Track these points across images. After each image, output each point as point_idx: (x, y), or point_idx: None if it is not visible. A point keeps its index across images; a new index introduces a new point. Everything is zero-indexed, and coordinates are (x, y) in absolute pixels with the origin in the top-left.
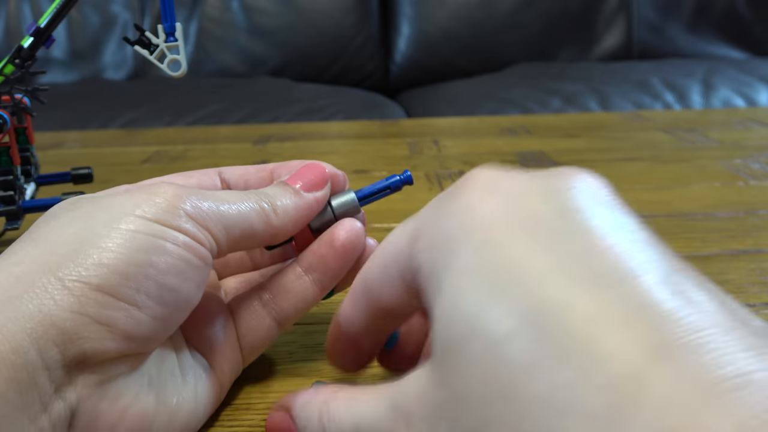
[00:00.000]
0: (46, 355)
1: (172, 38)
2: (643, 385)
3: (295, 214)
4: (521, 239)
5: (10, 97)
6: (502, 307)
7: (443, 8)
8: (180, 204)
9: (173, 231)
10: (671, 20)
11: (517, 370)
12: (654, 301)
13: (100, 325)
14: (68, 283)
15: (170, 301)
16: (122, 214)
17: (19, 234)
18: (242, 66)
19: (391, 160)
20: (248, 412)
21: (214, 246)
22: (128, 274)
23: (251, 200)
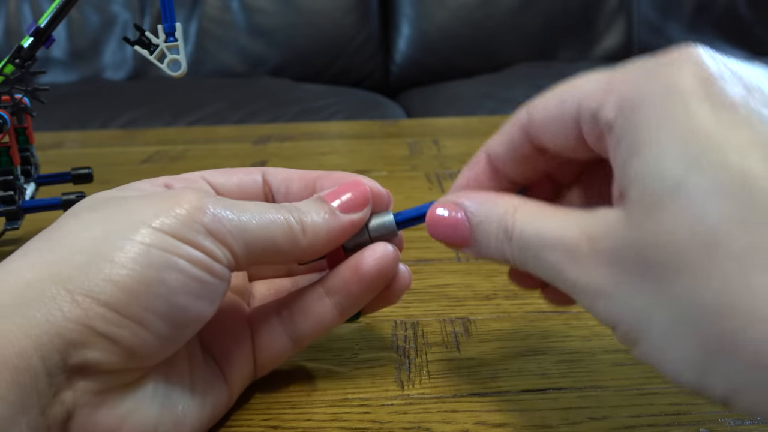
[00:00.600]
0: (49, 362)
1: (172, 38)
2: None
3: (327, 236)
4: (726, 113)
5: (10, 97)
6: (709, 174)
7: (443, 8)
8: (200, 217)
9: (188, 247)
10: (671, 20)
11: (717, 228)
12: None
13: (104, 339)
14: (77, 296)
15: (179, 319)
16: (140, 223)
17: (20, 234)
18: (242, 66)
19: (391, 160)
20: (247, 412)
21: (232, 261)
22: (138, 293)
23: (279, 215)
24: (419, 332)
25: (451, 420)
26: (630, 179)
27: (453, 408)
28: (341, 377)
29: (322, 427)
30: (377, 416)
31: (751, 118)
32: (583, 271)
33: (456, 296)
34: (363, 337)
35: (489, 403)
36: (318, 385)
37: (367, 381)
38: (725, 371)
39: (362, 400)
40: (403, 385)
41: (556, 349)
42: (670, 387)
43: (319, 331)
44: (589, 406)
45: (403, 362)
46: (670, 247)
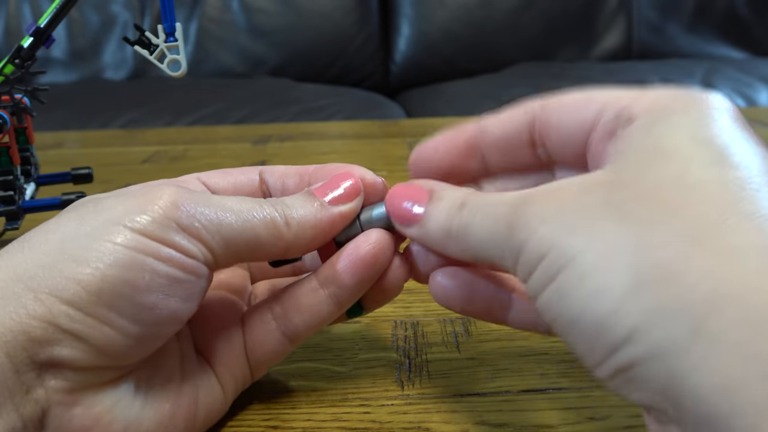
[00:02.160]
0: (15, 359)
1: (172, 38)
2: None
3: (313, 229)
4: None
5: (10, 97)
6: (704, 149)
7: (443, 8)
8: (173, 213)
9: (158, 245)
10: (671, 20)
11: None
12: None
13: (70, 336)
14: (40, 295)
15: (147, 319)
16: (110, 222)
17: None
18: (242, 66)
19: (391, 160)
20: (247, 411)
21: (209, 257)
22: (100, 292)
23: (262, 210)
24: (419, 332)
25: (451, 420)
26: (627, 144)
27: (453, 408)
28: (341, 377)
29: (322, 427)
30: (377, 416)
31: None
32: (534, 204)
33: None
34: (363, 337)
35: (489, 403)
36: (318, 385)
37: (367, 381)
38: (649, 301)
39: (362, 400)
40: (403, 385)
41: (556, 349)
42: None
43: (315, 326)
44: (589, 406)
45: (403, 362)
46: (645, 188)
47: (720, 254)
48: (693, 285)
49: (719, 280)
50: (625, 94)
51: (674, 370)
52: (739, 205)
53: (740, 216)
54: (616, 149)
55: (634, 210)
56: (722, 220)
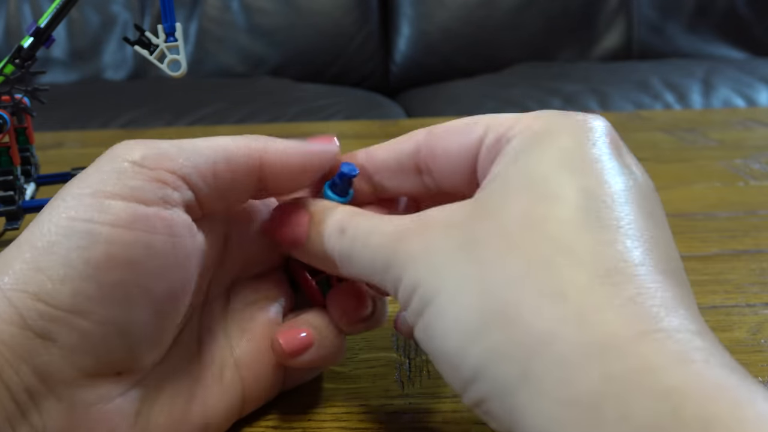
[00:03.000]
0: (4, 376)
1: (172, 38)
2: None
3: (298, 156)
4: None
5: (10, 97)
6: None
7: (443, 8)
8: (129, 155)
9: (118, 202)
10: (671, 20)
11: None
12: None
13: (44, 341)
14: (8, 293)
15: (115, 298)
16: (66, 195)
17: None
18: (242, 66)
19: None
20: None
21: (189, 196)
22: (63, 278)
23: (236, 138)
24: None
25: (451, 420)
26: (496, 171)
27: (453, 408)
28: (341, 377)
29: (322, 427)
30: (377, 416)
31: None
32: (406, 242)
33: None
34: (363, 337)
35: None
36: (318, 385)
37: (367, 381)
38: (489, 341)
39: (362, 400)
40: (403, 385)
41: None
42: None
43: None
44: None
45: (403, 362)
46: (497, 230)
47: (552, 295)
48: (527, 326)
49: (549, 320)
50: (507, 118)
51: (512, 409)
52: (581, 240)
53: (577, 254)
54: (489, 174)
55: (484, 250)
56: (560, 259)
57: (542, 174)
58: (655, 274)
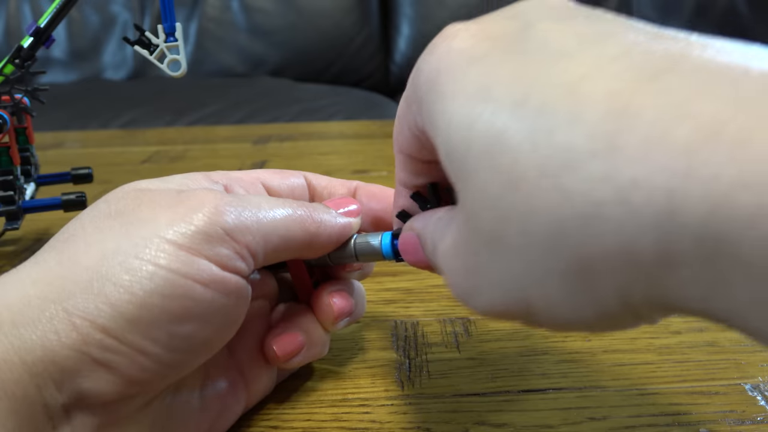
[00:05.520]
0: (45, 392)
1: (172, 38)
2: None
3: (332, 230)
4: (494, 52)
5: (10, 97)
6: (491, 107)
7: (443, 8)
8: (219, 218)
9: (201, 260)
10: (671, 20)
11: (519, 147)
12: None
13: (100, 366)
14: (75, 319)
15: (181, 347)
16: (151, 236)
17: (20, 234)
18: (242, 66)
19: (391, 160)
20: (247, 411)
21: (251, 263)
22: (137, 320)
23: (294, 206)
24: (419, 332)
25: (451, 420)
26: (441, 156)
27: (453, 408)
28: (341, 377)
29: (322, 427)
30: (377, 416)
31: (516, 48)
32: None
33: None
34: (363, 337)
35: (489, 403)
36: (318, 385)
37: (367, 381)
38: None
39: (362, 400)
40: (403, 385)
41: (556, 349)
42: (670, 387)
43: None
44: (589, 406)
45: (403, 362)
46: (488, 197)
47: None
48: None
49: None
50: (403, 100)
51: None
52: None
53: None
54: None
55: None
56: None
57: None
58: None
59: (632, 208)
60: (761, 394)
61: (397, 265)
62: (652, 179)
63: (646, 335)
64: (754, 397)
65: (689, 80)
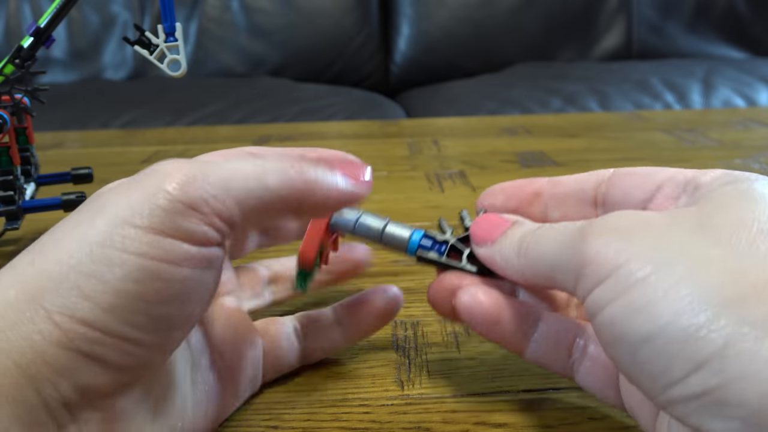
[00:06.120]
0: (44, 393)
1: (172, 38)
2: None
3: (328, 188)
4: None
5: (10, 97)
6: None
7: (443, 8)
8: (179, 194)
9: (168, 240)
10: (671, 20)
11: None
12: None
13: (90, 360)
14: (54, 316)
15: (164, 327)
16: (115, 223)
17: (20, 234)
18: (242, 66)
19: (391, 160)
20: (247, 412)
21: (225, 229)
22: (115, 308)
23: (272, 161)
24: (419, 332)
25: (451, 420)
26: (705, 194)
27: (453, 408)
28: (341, 377)
29: (322, 427)
30: (377, 416)
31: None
32: (611, 219)
33: None
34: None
35: (489, 403)
36: (318, 385)
37: (367, 381)
38: (744, 313)
39: (362, 400)
40: (403, 385)
41: None
42: None
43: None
44: (588, 406)
45: (403, 362)
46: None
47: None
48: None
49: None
50: (688, 171)
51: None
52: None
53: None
54: (691, 200)
55: (725, 234)
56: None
57: (762, 192)
58: None
59: None
60: None
61: (398, 266)
62: None
63: None
64: None
65: None
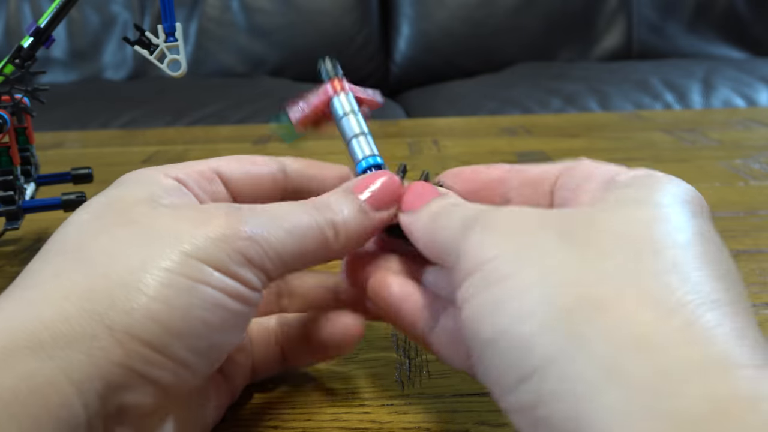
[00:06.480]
0: (90, 410)
1: (172, 38)
2: None
3: (357, 236)
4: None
5: (10, 97)
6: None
7: (443, 8)
8: (237, 242)
9: (229, 279)
10: (671, 20)
11: None
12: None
13: (144, 380)
14: (118, 335)
15: (215, 356)
16: (178, 251)
17: (20, 234)
18: (242, 66)
19: (391, 160)
20: (247, 412)
21: (266, 282)
22: (180, 333)
23: (312, 221)
24: None
25: (451, 420)
26: (606, 198)
27: (453, 408)
28: (341, 377)
29: (322, 427)
30: (377, 416)
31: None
32: (490, 214)
33: None
34: (363, 337)
35: (489, 403)
36: (318, 385)
37: (367, 381)
38: (575, 329)
39: (362, 400)
40: (403, 385)
41: None
42: None
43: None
44: None
45: (403, 362)
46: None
47: (657, 303)
48: (624, 321)
49: (650, 324)
50: (618, 167)
51: (581, 415)
52: (695, 265)
53: (691, 275)
54: (595, 199)
55: (586, 242)
56: (673, 277)
57: (657, 201)
58: (746, 313)
59: None
60: None
61: None
62: None
63: None
64: None
65: None
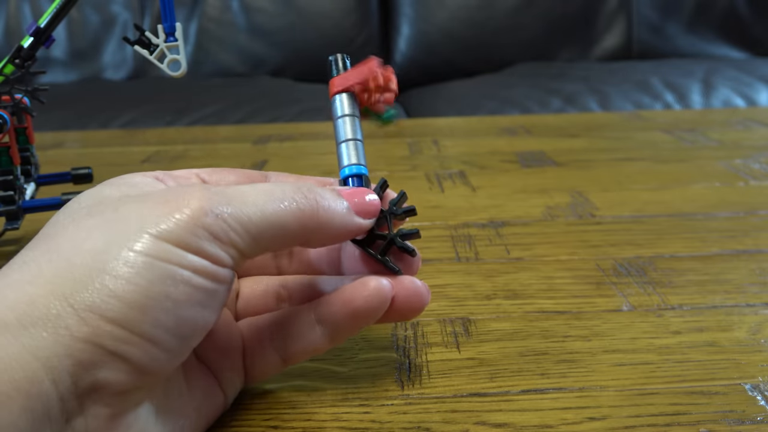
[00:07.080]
0: (61, 386)
1: (172, 38)
2: None
3: (337, 227)
4: None
5: (10, 97)
6: None
7: (443, 8)
8: (203, 220)
9: (193, 256)
10: (671, 20)
11: None
12: None
13: (114, 357)
14: (82, 313)
15: (187, 332)
16: (140, 231)
17: (20, 234)
18: (242, 66)
19: (391, 160)
20: (247, 411)
21: (238, 259)
22: (145, 308)
23: (290, 199)
24: (419, 332)
25: (451, 420)
26: None
27: (453, 408)
28: (341, 377)
29: (322, 427)
30: (377, 416)
31: None
32: None
33: (456, 296)
34: (363, 337)
35: (489, 403)
36: (318, 385)
37: (367, 381)
38: None
39: (362, 400)
40: (403, 385)
41: (556, 349)
42: (670, 387)
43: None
44: (589, 406)
45: (403, 362)
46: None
47: None
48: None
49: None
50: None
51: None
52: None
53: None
54: None
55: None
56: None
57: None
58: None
59: None
60: (761, 394)
61: None
62: None
63: (646, 335)
64: (754, 397)
65: None
